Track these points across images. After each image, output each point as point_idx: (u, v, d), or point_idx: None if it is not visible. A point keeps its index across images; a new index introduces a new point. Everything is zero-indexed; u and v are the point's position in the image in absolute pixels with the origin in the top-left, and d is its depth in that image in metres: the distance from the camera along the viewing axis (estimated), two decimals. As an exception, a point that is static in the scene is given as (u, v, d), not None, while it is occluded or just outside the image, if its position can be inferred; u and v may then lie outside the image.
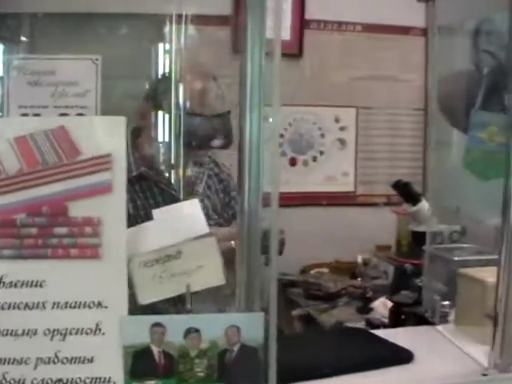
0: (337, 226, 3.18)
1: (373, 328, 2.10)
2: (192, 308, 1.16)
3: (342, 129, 3.24)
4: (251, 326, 1.05)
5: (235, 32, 2.79)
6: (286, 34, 2.97)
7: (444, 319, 1.75)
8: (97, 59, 3.82)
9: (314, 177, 3.23)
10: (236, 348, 1.06)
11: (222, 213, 1.96)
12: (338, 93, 3.18)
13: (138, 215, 1.62)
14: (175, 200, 1.72)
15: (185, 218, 1.28)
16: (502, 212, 1.25)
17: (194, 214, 1.27)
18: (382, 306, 2.32)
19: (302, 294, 2.81)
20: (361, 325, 2.25)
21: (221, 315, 1.17)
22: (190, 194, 1.83)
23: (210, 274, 1.20)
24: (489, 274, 1.46)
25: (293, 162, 3.18)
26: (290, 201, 3.08)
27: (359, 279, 2.95)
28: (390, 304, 2.04)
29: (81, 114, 3.45)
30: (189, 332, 1.04)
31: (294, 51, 3.03)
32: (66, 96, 3.53)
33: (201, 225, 1.26)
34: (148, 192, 1.75)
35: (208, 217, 1.73)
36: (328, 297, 2.73)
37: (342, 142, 3.25)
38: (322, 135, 3.21)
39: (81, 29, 2.66)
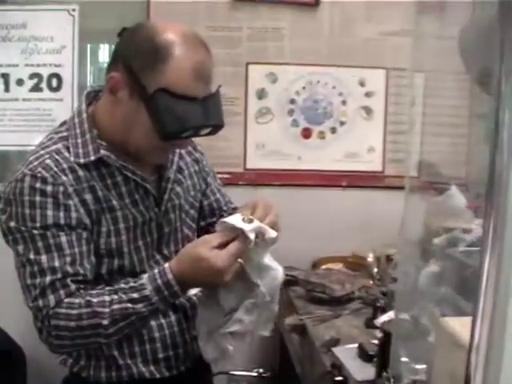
0: (358, 212, 2.88)
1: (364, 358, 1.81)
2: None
3: (367, 94, 2.89)
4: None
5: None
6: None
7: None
8: (74, 10, 3.35)
9: (332, 152, 2.91)
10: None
11: (193, 201, 1.82)
12: (364, 50, 2.85)
13: (99, 209, 1.56)
14: (144, 190, 1.64)
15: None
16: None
17: None
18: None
19: (304, 295, 2.50)
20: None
21: None
22: (158, 180, 1.70)
23: None
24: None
25: (306, 134, 2.90)
26: (303, 180, 2.93)
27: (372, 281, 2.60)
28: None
29: (56, 74, 3.05)
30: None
31: (309, -1, 2.74)
32: (38, 53, 3.11)
33: None
34: (109, 179, 1.58)
35: (182, 210, 1.74)
36: (333, 302, 2.41)
37: (368, 110, 2.90)
38: (344, 102, 2.89)
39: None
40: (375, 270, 2.65)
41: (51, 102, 2.86)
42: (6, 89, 2.88)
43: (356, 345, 1.89)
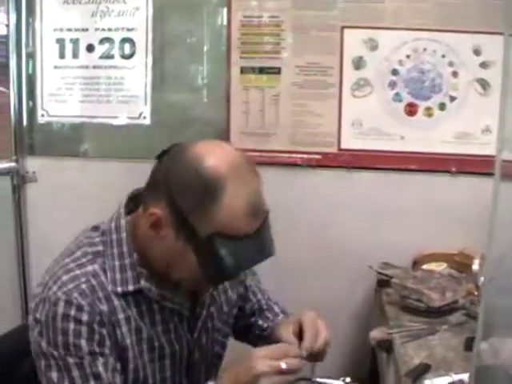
0: (470, 203, 2.64)
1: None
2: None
3: (483, 65, 2.65)
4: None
5: None
6: None
7: None
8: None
9: (440, 132, 2.69)
10: None
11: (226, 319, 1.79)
12: (480, 12, 2.60)
13: (130, 342, 1.52)
14: (179, 317, 1.60)
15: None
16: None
17: None
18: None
19: (398, 301, 2.30)
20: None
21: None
22: (192, 303, 1.65)
23: None
24: None
25: (411, 111, 2.70)
26: (405, 164, 2.74)
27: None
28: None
29: (128, 39, 2.92)
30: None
31: None
32: (110, 16, 3.05)
33: None
34: (144, 306, 1.54)
35: (214, 330, 1.71)
36: (431, 313, 2.18)
37: (484, 83, 2.65)
38: (455, 73, 2.66)
39: None
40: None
41: (123, 70, 2.81)
42: (75, 55, 2.86)
43: (447, 380, 1.65)
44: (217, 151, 1.44)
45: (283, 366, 1.40)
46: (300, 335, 1.58)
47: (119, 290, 1.48)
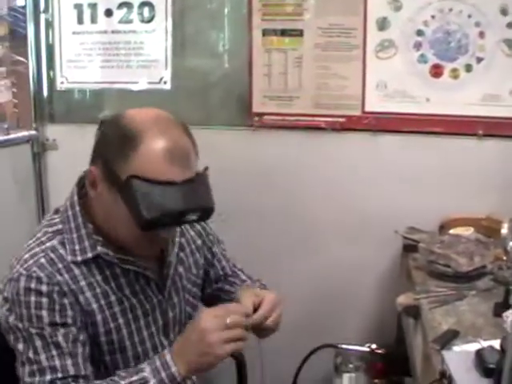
0: (497, 166, 2.62)
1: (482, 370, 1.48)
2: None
3: (511, 25, 2.56)
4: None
5: None
6: None
7: None
8: None
9: (466, 94, 2.63)
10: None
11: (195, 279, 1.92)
12: None
13: (97, 307, 1.61)
14: (145, 279, 1.71)
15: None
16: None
17: None
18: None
19: (425, 266, 2.27)
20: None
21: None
22: (159, 264, 1.76)
23: None
24: None
25: (436, 72, 2.65)
26: (431, 127, 2.69)
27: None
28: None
29: (147, 3, 2.88)
30: None
31: None
32: None
33: None
34: (108, 271, 1.64)
35: (185, 290, 1.84)
36: (459, 278, 2.15)
37: (511, 44, 2.57)
38: (481, 34, 2.59)
39: None
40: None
41: (142, 35, 2.79)
42: (94, 20, 2.84)
43: (476, 346, 1.60)
44: (141, 110, 1.59)
45: (228, 320, 1.51)
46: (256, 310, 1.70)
47: (79, 258, 1.59)
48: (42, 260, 1.56)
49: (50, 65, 2.92)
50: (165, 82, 2.76)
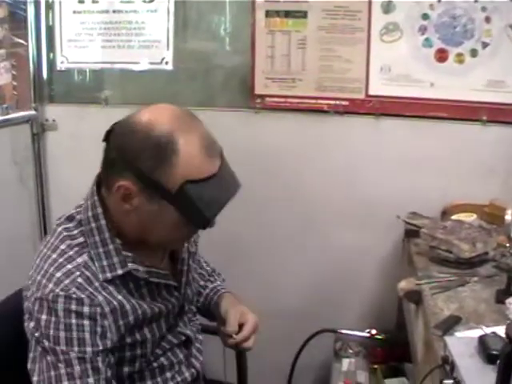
0: (501, 153, 2.61)
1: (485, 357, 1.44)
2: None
3: None
4: None
5: None
6: None
7: None
8: None
9: (471, 79, 2.61)
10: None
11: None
12: None
13: (126, 322, 1.60)
14: (167, 288, 1.75)
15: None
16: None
17: None
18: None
19: (427, 251, 2.26)
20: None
21: None
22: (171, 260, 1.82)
23: None
24: None
25: (441, 57, 2.62)
26: (435, 111, 2.67)
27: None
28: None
29: None
30: None
31: None
32: None
33: None
34: (132, 284, 1.63)
35: (195, 281, 1.91)
36: (461, 264, 2.14)
37: None
38: (487, 19, 2.56)
39: None
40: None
41: (144, 15, 2.76)
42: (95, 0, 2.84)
43: (478, 332, 1.56)
44: (156, 111, 1.54)
45: None
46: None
47: (109, 275, 1.56)
48: (80, 280, 1.50)
49: (50, 47, 2.89)
50: (166, 63, 2.74)
